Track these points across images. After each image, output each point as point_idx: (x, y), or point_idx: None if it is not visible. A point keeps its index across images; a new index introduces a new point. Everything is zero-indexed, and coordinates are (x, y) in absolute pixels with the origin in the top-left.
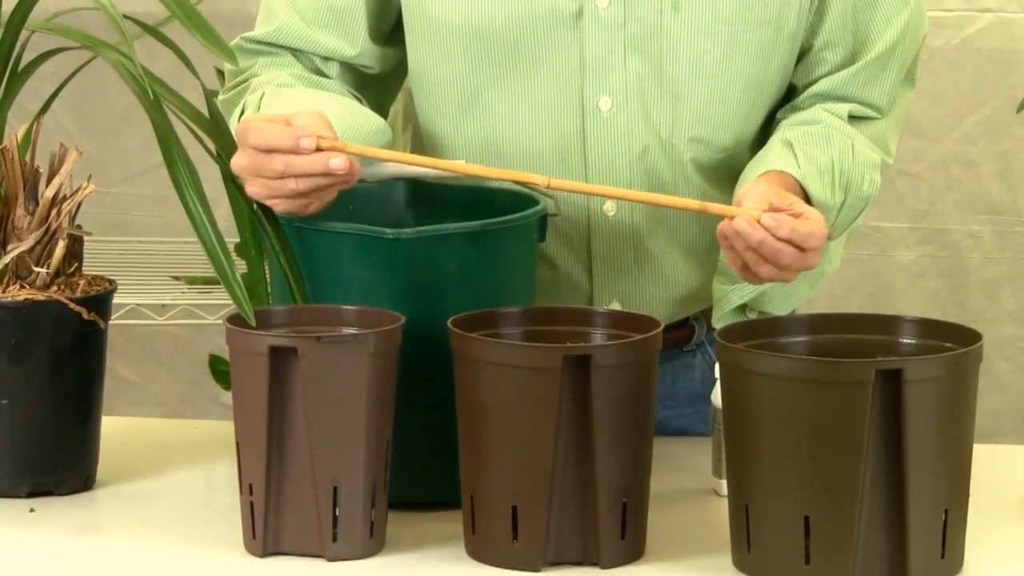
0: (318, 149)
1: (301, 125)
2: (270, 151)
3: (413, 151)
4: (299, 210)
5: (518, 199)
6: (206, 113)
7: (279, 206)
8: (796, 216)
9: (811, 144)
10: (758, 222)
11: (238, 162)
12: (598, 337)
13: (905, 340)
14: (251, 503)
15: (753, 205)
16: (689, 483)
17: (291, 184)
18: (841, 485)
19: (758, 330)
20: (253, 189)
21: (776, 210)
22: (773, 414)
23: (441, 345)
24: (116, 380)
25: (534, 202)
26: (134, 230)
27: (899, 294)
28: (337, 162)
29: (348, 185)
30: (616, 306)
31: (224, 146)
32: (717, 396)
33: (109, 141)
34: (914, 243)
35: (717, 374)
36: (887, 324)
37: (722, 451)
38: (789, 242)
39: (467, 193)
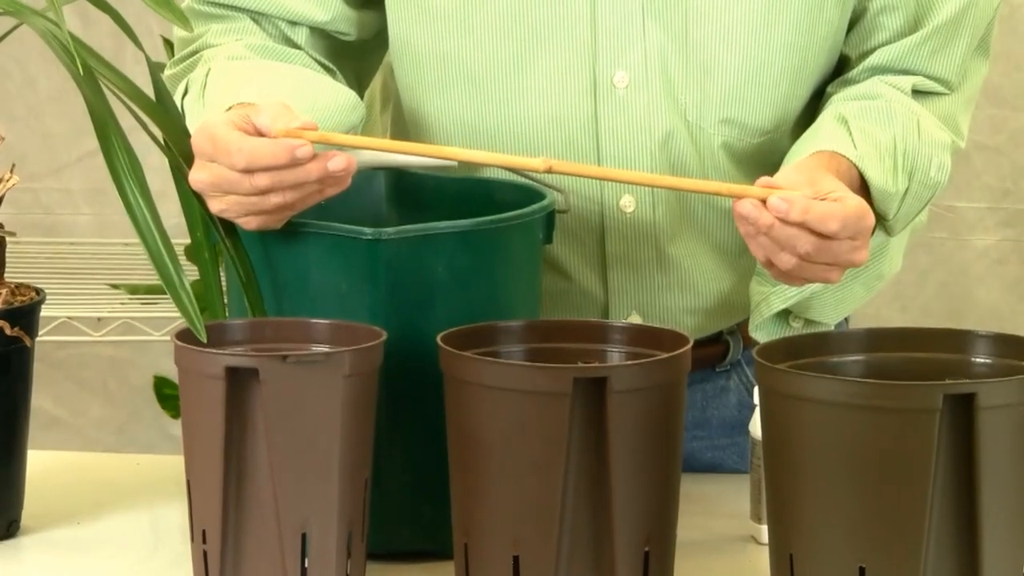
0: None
1: (269, 125)
2: (256, 171)
3: (393, 135)
4: (275, 224)
5: (520, 193)
6: (151, 92)
7: (251, 223)
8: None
9: (869, 121)
10: (764, 204)
11: (200, 178)
12: (615, 356)
13: (978, 359)
14: (204, 552)
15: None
16: (723, 528)
17: (276, 199)
18: (903, 531)
19: (804, 347)
20: (221, 207)
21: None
22: (823, 447)
23: (429, 365)
24: (35, 415)
25: (539, 196)
26: (59, 232)
27: (976, 282)
28: (337, 163)
29: (342, 188)
30: (635, 319)
31: (172, 132)
32: (756, 426)
33: (32, 127)
34: (993, 226)
35: (756, 400)
36: (957, 340)
37: (762, 491)
38: (802, 225)
39: (459, 186)
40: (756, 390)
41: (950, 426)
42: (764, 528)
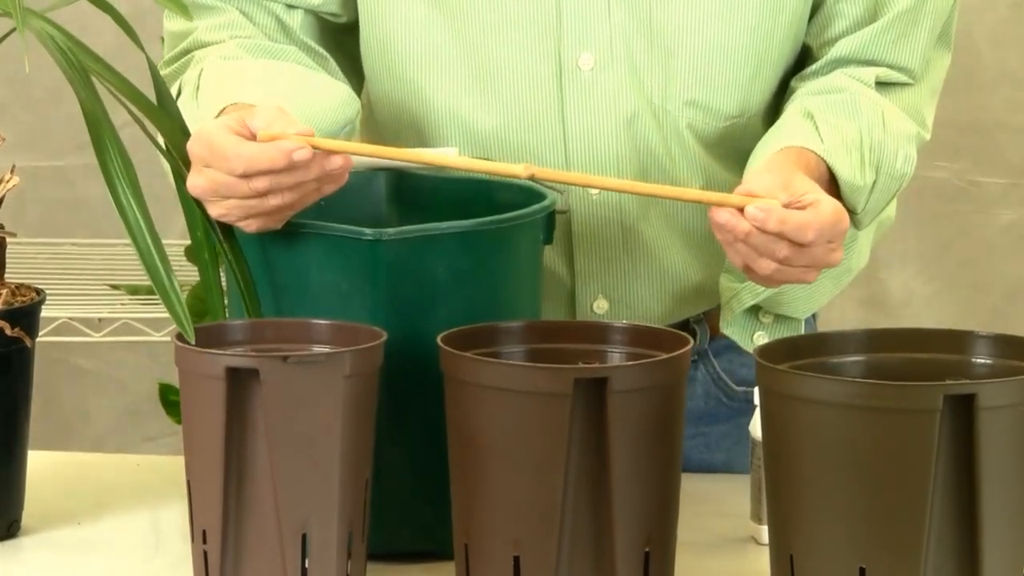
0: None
1: (264, 127)
2: (255, 176)
3: (364, 127)
4: (275, 225)
5: (520, 193)
6: (152, 92)
7: (252, 226)
8: (804, 207)
9: (835, 115)
10: (742, 213)
11: (198, 184)
12: (615, 356)
13: (979, 360)
14: (204, 553)
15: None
16: (723, 528)
17: (275, 201)
18: (903, 532)
19: (804, 348)
20: (220, 211)
21: (785, 206)
22: (823, 447)
23: (429, 366)
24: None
25: (539, 197)
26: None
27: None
28: (335, 162)
29: (339, 185)
30: (602, 303)
31: (172, 134)
32: (756, 426)
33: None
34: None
35: (756, 401)
36: (957, 341)
37: (762, 491)
38: (779, 236)
39: (459, 186)
40: (756, 392)
41: (950, 426)
42: (764, 528)
